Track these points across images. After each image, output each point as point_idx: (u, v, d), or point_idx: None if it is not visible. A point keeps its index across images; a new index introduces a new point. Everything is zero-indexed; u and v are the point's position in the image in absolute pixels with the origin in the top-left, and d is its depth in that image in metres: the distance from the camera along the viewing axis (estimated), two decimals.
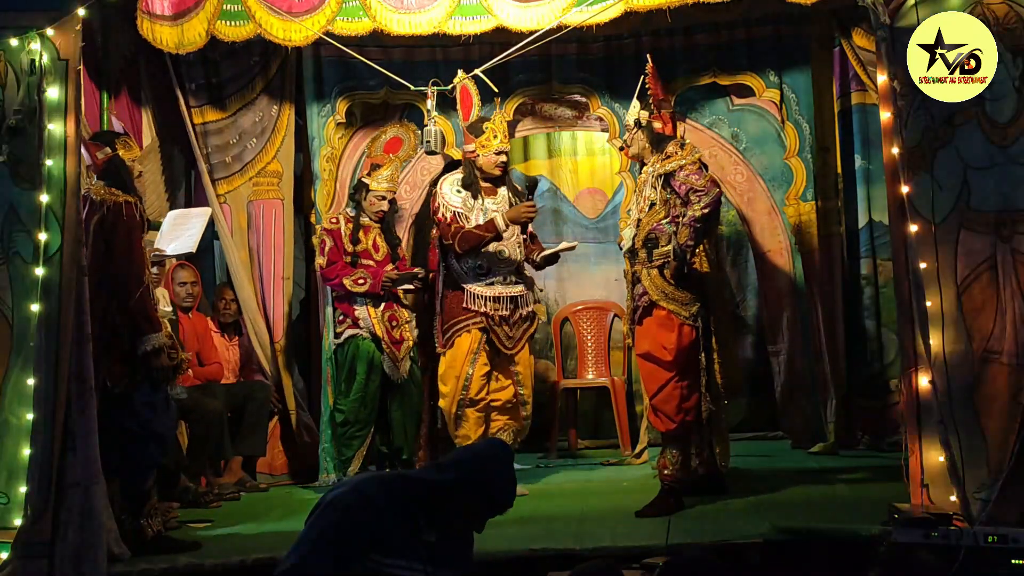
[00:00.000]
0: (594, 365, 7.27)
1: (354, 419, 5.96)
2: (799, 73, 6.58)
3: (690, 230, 4.96)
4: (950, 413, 4.16)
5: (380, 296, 5.98)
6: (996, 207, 4.20)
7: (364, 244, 6.06)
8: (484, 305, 5.57)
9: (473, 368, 5.56)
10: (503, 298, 5.60)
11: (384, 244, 6.13)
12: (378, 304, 5.99)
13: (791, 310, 6.60)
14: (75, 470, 4.24)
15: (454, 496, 2.91)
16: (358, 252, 6.03)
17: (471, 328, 5.57)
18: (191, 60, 6.23)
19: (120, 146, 4.77)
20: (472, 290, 5.60)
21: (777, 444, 6.86)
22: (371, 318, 5.98)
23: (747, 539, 4.30)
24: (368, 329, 5.97)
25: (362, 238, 6.06)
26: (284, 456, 6.52)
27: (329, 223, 6.14)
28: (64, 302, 4.26)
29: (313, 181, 6.66)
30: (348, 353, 5.99)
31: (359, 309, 5.98)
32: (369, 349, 5.97)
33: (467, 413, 5.57)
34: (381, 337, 5.97)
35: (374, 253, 6.08)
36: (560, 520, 4.99)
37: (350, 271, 5.97)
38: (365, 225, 6.09)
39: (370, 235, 6.09)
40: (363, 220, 6.08)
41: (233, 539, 4.89)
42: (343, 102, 6.58)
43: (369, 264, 6.03)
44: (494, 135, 5.66)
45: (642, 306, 5.10)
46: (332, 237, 6.04)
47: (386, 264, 6.08)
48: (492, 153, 5.63)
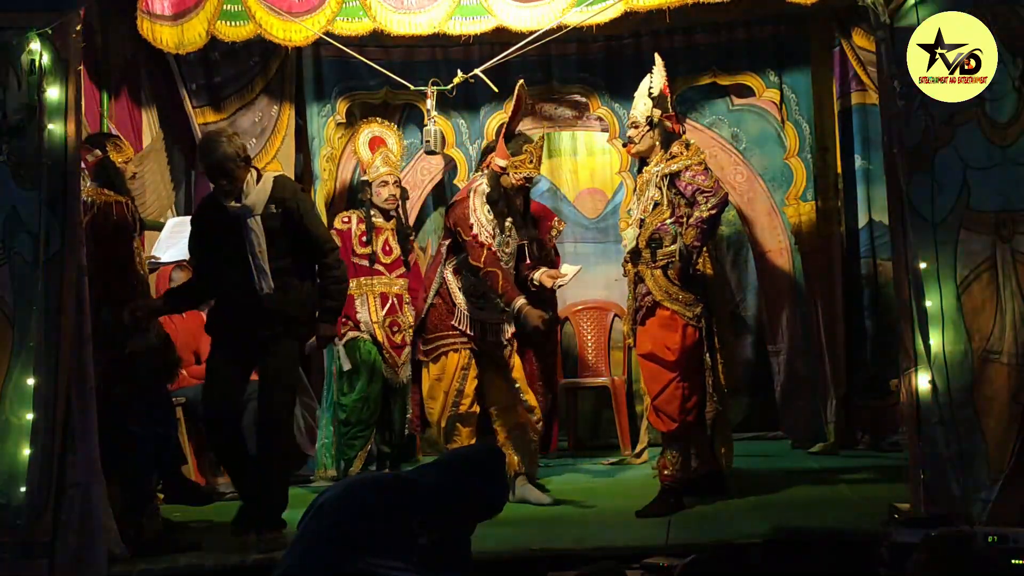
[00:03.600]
0: (594, 365, 7.27)
1: (356, 419, 5.94)
2: (799, 73, 6.59)
3: (697, 231, 4.95)
4: (950, 413, 4.16)
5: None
6: (996, 207, 4.20)
7: (374, 247, 5.97)
8: (471, 328, 5.37)
9: (464, 384, 5.40)
10: (489, 325, 5.41)
11: (396, 247, 6.05)
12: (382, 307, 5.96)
13: (791, 310, 6.61)
14: (75, 470, 4.24)
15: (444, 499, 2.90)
16: (365, 255, 5.95)
17: (459, 348, 5.38)
18: (191, 60, 6.23)
19: (111, 148, 4.79)
20: (464, 310, 5.39)
21: (777, 444, 6.86)
22: (372, 323, 5.95)
23: (747, 539, 4.30)
24: (369, 332, 5.95)
25: (373, 239, 5.97)
26: None
27: (341, 223, 6.04)
28: (64, 302, 4.27)
29: (313, 181, 6.67)
30: (350, 354, 5.97)
31: (360, 312, 5.96)
32: (371, 351, 5.94)
33: (458, 428, 5.42)
34: (381, 343, 5.94)
35: (383, 256, 6.00)
36: (560, 520, 5.00)
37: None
38: (378, 227, 6.00)
39: (381, 237, 6.01)
40: (376, 221, 5.99)
41: (233, 539, 4.89)
42: (343, 102, 6.59)
43: (376, 269, 5.97)
44: (530, 160, 5.34)
45: (645, 306, 5.10)
46: (341, 238, 5.93)
47: (396, 268, 6.01)
48: (521, 176, 5.35)
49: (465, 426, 5.44)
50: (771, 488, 5.39)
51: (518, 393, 5.47)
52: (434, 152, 5.74)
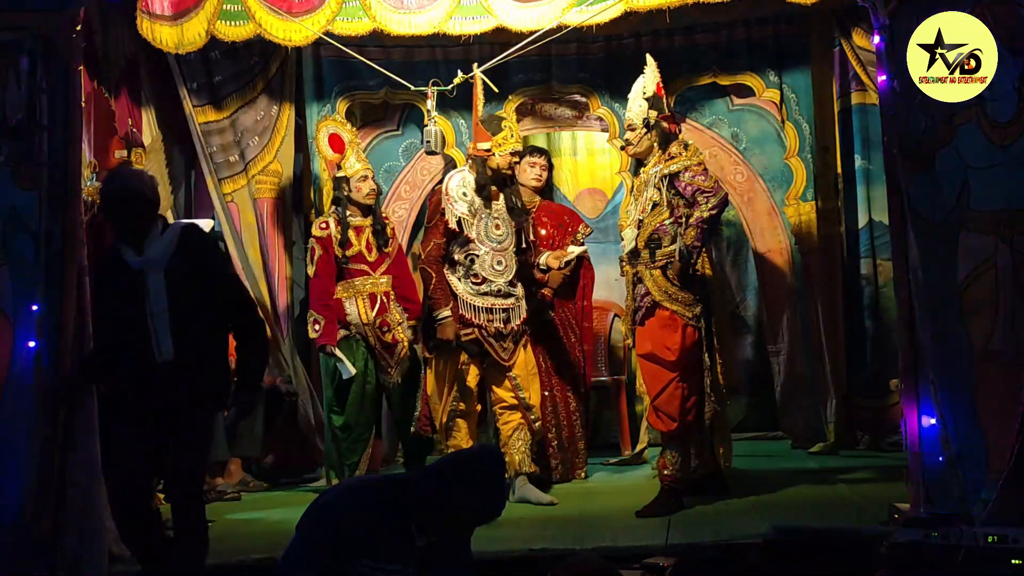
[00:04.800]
0: (594, 365, 7.26)
1: (354, 423, 5.87)
2: (799, 73, 6.59)
3: (697, 231, 4.96)
4: (950, 413, 4.16)
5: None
6: (996, 207, 4.19)
7: (356, 246, 5.87)
8: (478, 316, 5.39)
9: (465, 380, 5.42)
10: (496, 309, 5.42)
11: (376, 241, 5.93)
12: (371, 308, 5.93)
13: (791, 310, 6.61)
14: (75, 470, 4.24)
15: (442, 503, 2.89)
16: (350, 256, 5.86)
17: (463, 337, 5.38)
18: (191, 59, 6.23)
19: (135, 155, 4.79)
20: (466, 298, 5.40)
21: (777, 444, 6.86)
22: (363, 325, 5.86)
23: (747, 539, 4.31)
24: (360, 334, 5.87)
25: (353, 239, 5.86)
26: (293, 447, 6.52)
27: (319, 229, 5.89)
28: (64, 302, 4.26)
29: (313, 181, 6.67)
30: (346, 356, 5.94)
31: (351, 314, 5.87)
32: (363, 351, 5.89)
33: (459, 424, 5.44)
34: (373, 345, 5.88)
35: (367, 254, 5.90)
36: (560, 520, 5.00)
37: (322, 301, 5.83)
38: (356, 226, 5.89)
39: (363, 236, 5.90)
40: (353, 220, 5.88)
41: (233, 539, 4.89)
42: (343, 102, 6.59)
43: (362, 268, 5.89)
44: (511, 135, 5.44)
45: (645, 307, 5.10)
46: (322, 245, 5.85)
47: (380, 264, 5.92)
48: (508, 152, 5.42)
49: (465, 423, 5.45)
50: (771, 488, 5.39)
51: (518, 390, 5.47)
52: (434, 152, 5.75)
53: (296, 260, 6.75)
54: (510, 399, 5.47)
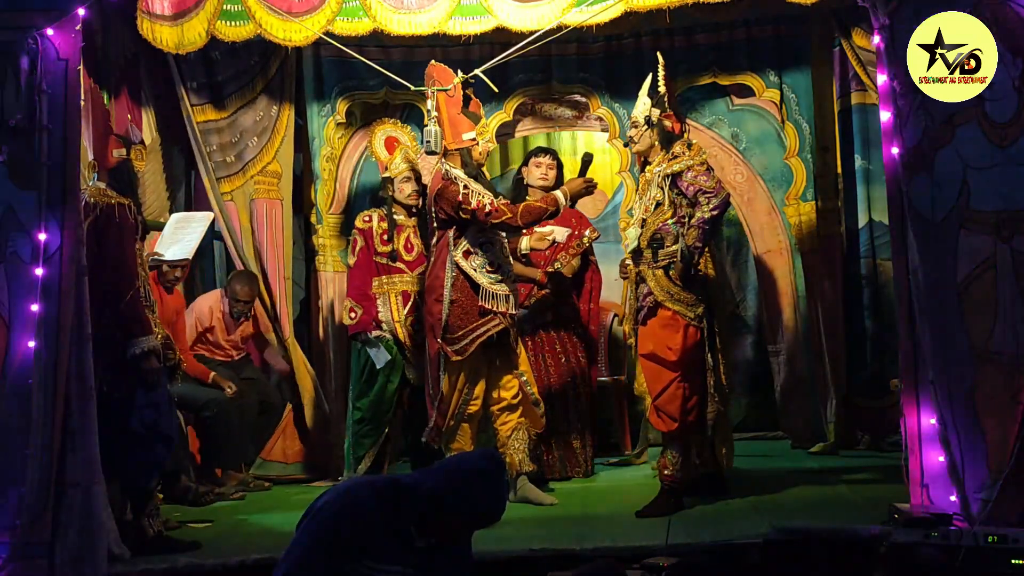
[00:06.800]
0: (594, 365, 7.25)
1: (370, 417, 5.94)
2: (799, 73, 6.59)
3: (699, 231, 4.96)
4: (950, 413, 4.16)
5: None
6: (996, 207, 4.20)
7: (395, 244, 5.98)
8: (502, 304, 5.27)
9: (475, 386, 5.34)
10: (511, 297, 5.35)
11: (418, 242, 6.04)
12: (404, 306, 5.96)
13: (791, 310, 6.61)
14: (75, 470, 4.25)
15: (442, 506, 2.89)
16: (386, 253, 5.96)
17: (491, 330, 5.25)
18: (191, 59, 6.22)
19: (135, 154, 4.80)
20: (488, 287, 5.26)
21: (777, 444, 6.85)
22: (394, 322, 5.94)
23: (747, 539, 4.30)
24: (391, 331, 5.94)
25: (395, 237, 5.98)
26: (300, 445, 6.50)
27: (362, 221, 6.03)
28: (64, 302, 4.27)
29: (313, 181, 6.66)
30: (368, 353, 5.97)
31: (382, 311, 5.94)
32: (391, 350, 5.93)
33: (463, 428, 5.39)
34: (403, 342, 5.92)
35: (405, 254, 6.00)
36: (560, 520, 5.00)
37: (361, 289, 5.92)
38: (399, 224, 6.01)
39: (403, 235, 6.01)
40: (398, 219, 6.01)
41: (233, 539, 4.90)
42: (343, 102, 6.58)
43: (398, 267, 5.98)
44: (485, 123, 5.59)
45: (647, 306, 5.10)
46: (363, 236, 5.98)
47: (418, 265, 5.96)
48: (485, 141, 5.51)
49: (469, 427, 5.44)
50: (771, 488, 5.39)
51: (525, 386, 5.45)
52: (434, 152, 5.71)
53: (296, 260, 6.74)
54: (510, 399, 5.46)
